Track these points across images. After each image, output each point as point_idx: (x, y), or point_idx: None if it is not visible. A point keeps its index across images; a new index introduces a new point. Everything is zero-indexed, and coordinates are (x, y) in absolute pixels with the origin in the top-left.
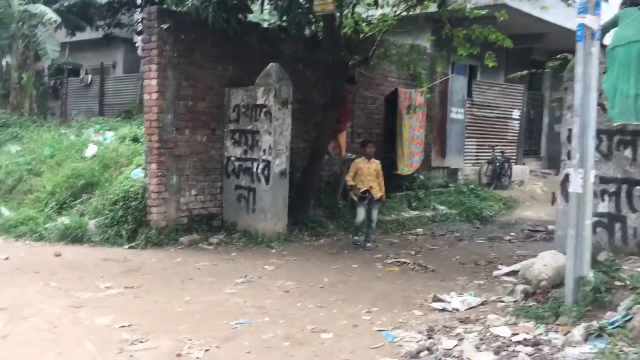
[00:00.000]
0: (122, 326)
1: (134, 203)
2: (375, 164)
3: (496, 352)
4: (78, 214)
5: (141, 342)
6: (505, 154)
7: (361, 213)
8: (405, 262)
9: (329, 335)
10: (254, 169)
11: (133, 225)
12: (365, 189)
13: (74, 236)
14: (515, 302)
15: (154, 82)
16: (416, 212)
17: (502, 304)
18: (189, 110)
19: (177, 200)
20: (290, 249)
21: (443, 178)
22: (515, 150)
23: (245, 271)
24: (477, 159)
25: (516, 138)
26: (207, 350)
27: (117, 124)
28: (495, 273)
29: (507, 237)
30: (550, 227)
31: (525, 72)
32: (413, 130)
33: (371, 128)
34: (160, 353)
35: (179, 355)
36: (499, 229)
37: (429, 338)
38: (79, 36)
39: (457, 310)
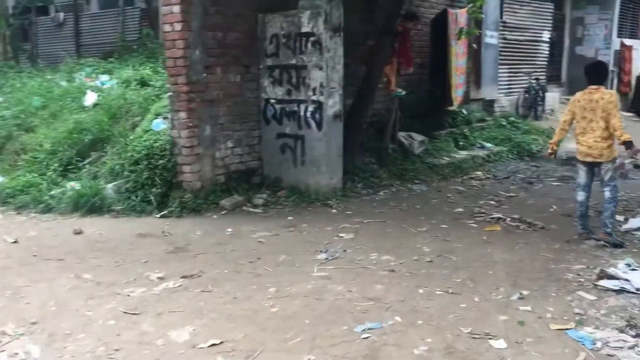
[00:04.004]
0: (213, 345)
1: (161, 161)
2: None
3: None
4: (90, 177)
5: None
6: (540, 81)
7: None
8: (500, 218)
9: (501, 342)
10: (302, 113)
11: (162, 188)
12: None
13: (91, 205)
14: None
15: (176, 8)
16: (466, 152)
17: None
18: (219, 43)
19: (212, 156)
20: (352, 207)
21: (479, 111)
22: (544, 77)
23: (318, 242)
24: (509, 89)
25: (545, 63)
26: None
27: (113, 66)
28: (624, 227)
29: None
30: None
31: None
32: (458, 59)
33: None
34: None
35: None
36: (558, 166)
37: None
38: None
39: None
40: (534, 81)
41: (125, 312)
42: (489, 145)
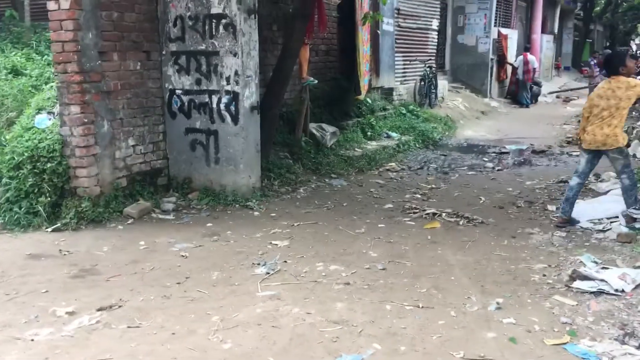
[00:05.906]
0: None
1: (49, 165)
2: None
3: None
4: None
5: None
6: (433, 69)
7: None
8: (435, 213)
9: None
10: (214, 105)
11: (52, 196)
12: None
13: None
14: None
15: None
16: (376, 143)
17: None
18: (115, 25)
19: (111, 156)
20: (275, 208)
21: (380, 99)
22: (435, 65)
23: (251, 253)
24: (404, 77)
25: (435, 51)
26: None
27: None
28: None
29: (489, 165)
30: (509, 146)
31: None
32: (363, 46)
33: (317, 44)
34: None
35: None
36: (463, 154)
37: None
38: None
39: (622, 291)
40: (428, 69)
41: None
42: (394, 134)
